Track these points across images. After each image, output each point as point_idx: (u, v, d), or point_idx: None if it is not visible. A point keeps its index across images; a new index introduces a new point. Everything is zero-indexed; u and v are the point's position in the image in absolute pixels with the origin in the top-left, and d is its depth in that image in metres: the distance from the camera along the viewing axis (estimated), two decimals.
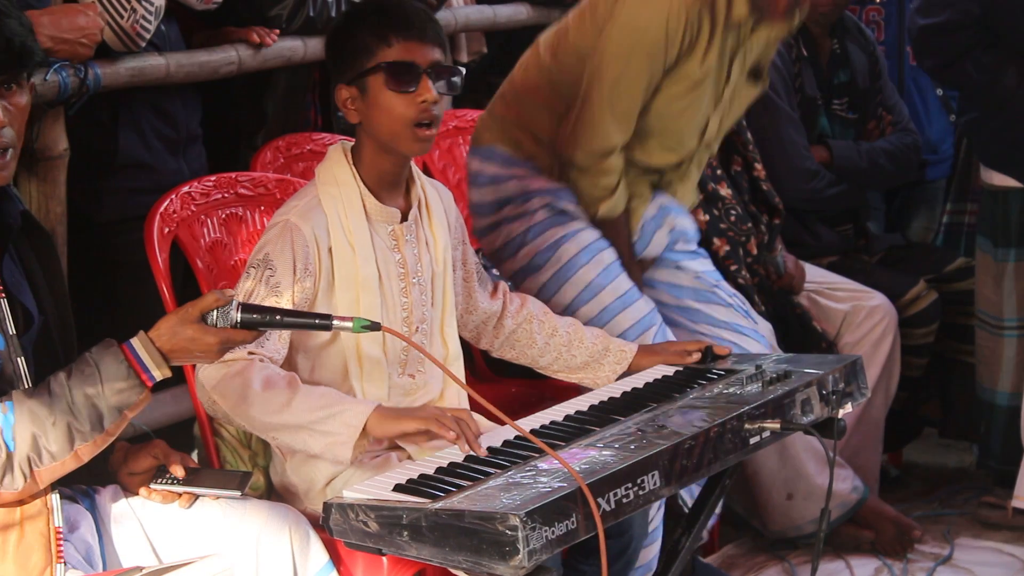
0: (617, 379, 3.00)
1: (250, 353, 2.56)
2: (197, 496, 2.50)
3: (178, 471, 2.48)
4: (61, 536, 2.29)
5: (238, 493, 2.46)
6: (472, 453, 2.43)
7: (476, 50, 4.80)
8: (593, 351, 3.05)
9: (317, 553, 2.48)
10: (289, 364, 2.70)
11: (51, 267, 2.50)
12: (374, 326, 2.30)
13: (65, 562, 2.29)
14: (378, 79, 2.67)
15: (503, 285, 3.08)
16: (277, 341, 2.62)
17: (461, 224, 2.95)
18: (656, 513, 3.10)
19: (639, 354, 3.05)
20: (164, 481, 2.49)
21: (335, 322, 2.31)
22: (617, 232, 3.42)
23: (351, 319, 2.30)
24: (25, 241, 2.47)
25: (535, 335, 3.05)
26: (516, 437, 2.53)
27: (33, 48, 2.31)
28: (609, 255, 3.36)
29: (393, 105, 2.66)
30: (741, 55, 3.41)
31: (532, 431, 2.56)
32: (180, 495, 2.49)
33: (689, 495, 3.23)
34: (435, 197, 2.86)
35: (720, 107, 3.46)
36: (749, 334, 3.56)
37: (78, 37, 2.87)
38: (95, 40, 2.89)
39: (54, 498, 2.29)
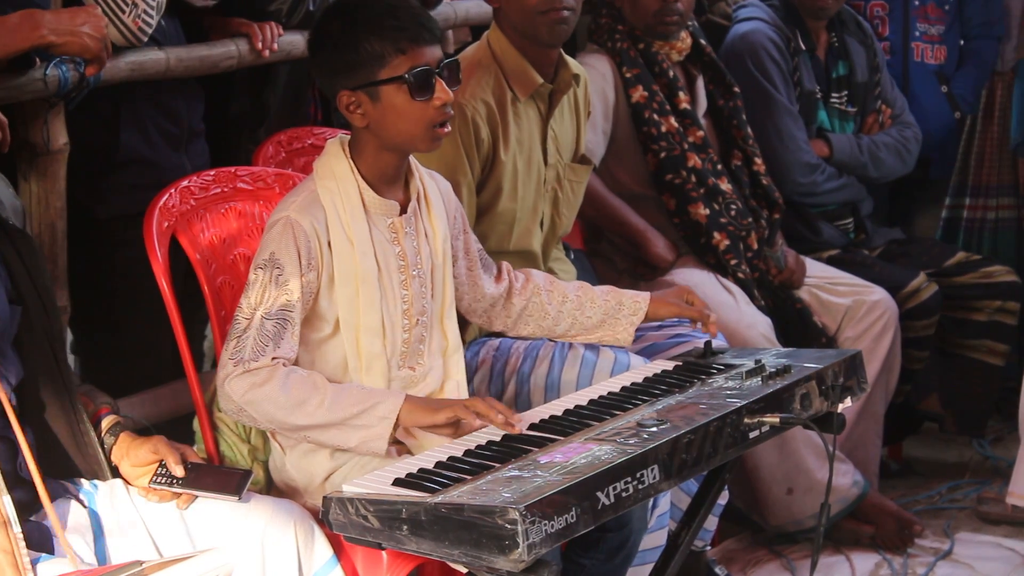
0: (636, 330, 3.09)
1: (273, 359, 2.59)
2: (196, 496, 2.50)
3: (177, 470, 2.48)
4: (20, 540, 2.24)
5: (236, 497, 2.46)
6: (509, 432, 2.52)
7: (461, 39, 4.80)
8: (606, 308, 3.09)
9: (321, 548, 2.49)
10: None
11: (31, 259, 2.52)
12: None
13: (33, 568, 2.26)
14: (394, 88, 2.65)
15: (506, 265, 3.08)
16: (291, 338, 2.64)
17: (461, 214, 2.95)
18: (663, 499, 3.09)
19: (653, 303, 3.10)
20: (163, 480, 2.49)
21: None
22: None
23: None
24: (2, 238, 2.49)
25: (546, 306, 3.07)
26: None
27: None
28: None
29: (412, 111, 2.66)
30: (552, 138, 3.47)
31: (532, 425, 2.57)
32: (179, 495, 2.50)
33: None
34: (434, 189, 2.86)
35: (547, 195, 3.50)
36: None
37: (81, 28, 2.86)
38: (100, 31, 2.89)
39: (5, 501, 2.25)
